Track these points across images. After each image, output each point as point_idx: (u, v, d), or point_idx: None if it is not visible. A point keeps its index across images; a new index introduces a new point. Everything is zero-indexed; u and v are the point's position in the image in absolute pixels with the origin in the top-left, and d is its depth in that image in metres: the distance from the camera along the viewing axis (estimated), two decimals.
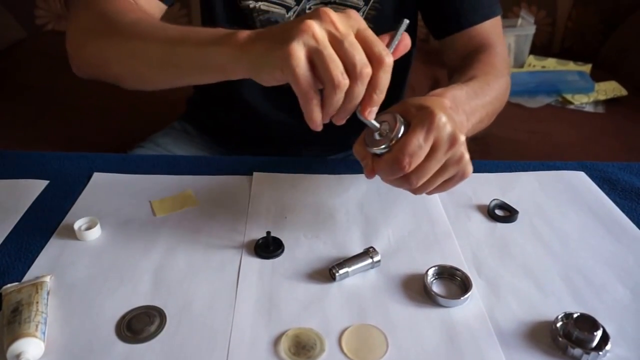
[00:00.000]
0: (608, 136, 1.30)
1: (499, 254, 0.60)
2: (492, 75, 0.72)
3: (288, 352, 0.47)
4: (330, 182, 0.73)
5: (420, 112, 0.51)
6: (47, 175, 0.73)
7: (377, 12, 0.79)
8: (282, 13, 0.79)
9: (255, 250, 0.60)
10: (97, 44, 0.64)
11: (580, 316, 0.48)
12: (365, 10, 0.79)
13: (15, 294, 0.52)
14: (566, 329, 0.48)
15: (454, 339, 0.49)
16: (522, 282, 0.56)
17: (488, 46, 0.79)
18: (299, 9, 0.79)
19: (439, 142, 0.50)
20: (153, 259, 0.59)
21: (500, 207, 0.68)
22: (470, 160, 0.53)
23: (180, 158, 0.82)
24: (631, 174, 0.76)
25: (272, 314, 0.51)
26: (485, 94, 0.68)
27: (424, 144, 0.49)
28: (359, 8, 0.78)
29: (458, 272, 0.55)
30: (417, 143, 0.49)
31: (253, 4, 0.78)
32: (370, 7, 0.79)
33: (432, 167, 0.51)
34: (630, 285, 0.56)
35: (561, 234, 0.64)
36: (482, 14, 0.79)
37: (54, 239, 0.62)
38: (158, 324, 0.50)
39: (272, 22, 0.79)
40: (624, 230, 0.64)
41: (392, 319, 0.51)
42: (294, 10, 0.79)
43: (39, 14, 1.89)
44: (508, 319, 0.52)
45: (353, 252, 0.58)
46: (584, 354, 0.46)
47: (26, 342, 0.46)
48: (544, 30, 1.93)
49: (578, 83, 1.55)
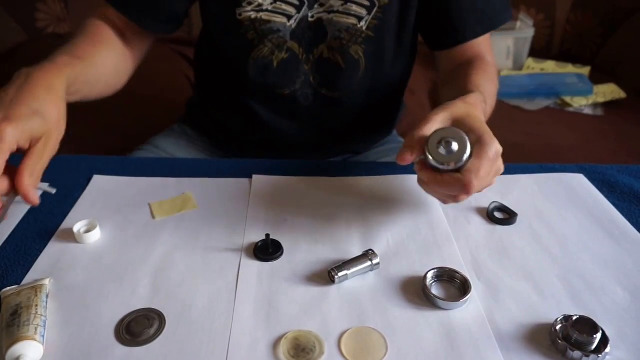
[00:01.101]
0: (607, 138, 1.31)
1: (498, 257, 0.60)
2: (490, 82, 0.77)
3: (287, 355, 0.47)
4: (330, 185, 0.73)
5: (476, 136, 0.56)
6: (47, 178, 0.73)
7: (379, 21, 0.80)
8: (284, 22, 0.79)
9: (255, 253, 0.60)
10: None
11: (579, 319, 0.48)
12: (368, 19, 0.79)
13: (15, 297, 0.52)
14: (565, 331, 0.48)
15: (453, 341, 0.49)
16: (521, 285, 0.56)
17: (481, 57, 0.83)
18: (300, 16, 0.79)
19: (497, 169, 0.57)
20: (152, 261, 0.59)
21: (500, 209, 0.68)
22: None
23: (179, 161, 0.83)
24: (630, 177, 0.76)
25: (271, 317, 0.51)
26: (489, 100, 0.73)
27: (491, 171, 0.55)
28: (362, 17, 0.79)
29: (457, 274, 0.56)
30: (487, 170, 0.55)
31: (254, 14, 0.78)
32: (373, 17, 0.79)
33: (484, 187, 0.57)
34: (630, 288, 0.56)
35: (560, 237, 0.64)
36: (478, 32, 0.83)
37: (53, 242, 0.62)
38: (157, 327, 0.50)
39: (274, 31, 0.79)
40: (623, 233, 0.65)
41: (391, 322, 0.51)
42: (295, 19, 0.79)
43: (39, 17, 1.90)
44: (507, 321, 0.52)
45: (352, 254, 0.58)
46: (584, 356, 0.46)
47: (25, 345, 0.46)
48: (543, 33, 1.94)
49: (577, 85, 1.55)
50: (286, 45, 0.81)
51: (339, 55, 0.82)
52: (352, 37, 0.80)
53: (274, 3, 0.78)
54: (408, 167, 0.78)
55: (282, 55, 0.82)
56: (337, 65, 0.83)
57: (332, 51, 0.82)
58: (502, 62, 1.80)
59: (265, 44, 0.80)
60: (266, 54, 0.81)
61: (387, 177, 0.75)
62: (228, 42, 0.83)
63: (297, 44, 0.81)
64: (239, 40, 0.81)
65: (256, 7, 0.78)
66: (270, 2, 0.78)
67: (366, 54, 0.82)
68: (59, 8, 1.92)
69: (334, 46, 0.81)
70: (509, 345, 0.49)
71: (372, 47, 0.82)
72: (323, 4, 0.79)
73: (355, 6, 0.78)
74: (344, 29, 0.80)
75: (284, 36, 0.80)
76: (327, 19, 0.79)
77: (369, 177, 0.75)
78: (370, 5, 0.78)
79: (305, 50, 0.82)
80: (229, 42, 0.83)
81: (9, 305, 0.51)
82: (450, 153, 0.54)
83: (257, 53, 0.81)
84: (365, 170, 0.77)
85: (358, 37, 0.80)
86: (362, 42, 0.81)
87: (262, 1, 0.78)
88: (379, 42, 0.82)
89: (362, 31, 0.80)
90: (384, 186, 0.73)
